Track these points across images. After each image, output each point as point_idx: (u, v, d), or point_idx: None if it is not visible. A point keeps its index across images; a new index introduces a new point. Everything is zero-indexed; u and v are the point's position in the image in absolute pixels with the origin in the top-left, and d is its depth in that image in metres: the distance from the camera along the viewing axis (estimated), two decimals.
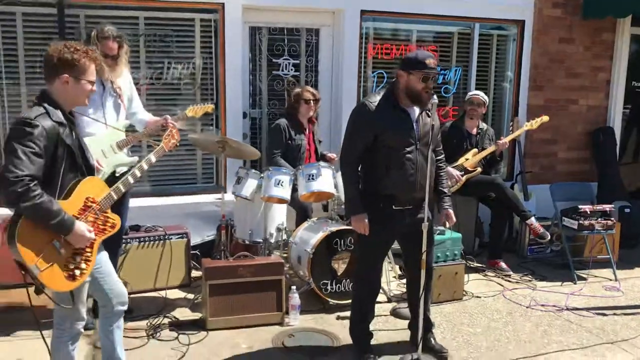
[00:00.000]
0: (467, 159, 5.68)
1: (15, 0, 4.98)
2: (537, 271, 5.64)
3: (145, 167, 3.15)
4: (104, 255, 3.01)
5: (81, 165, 2.79)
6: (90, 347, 3.85)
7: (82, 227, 2.70)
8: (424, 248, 3.50)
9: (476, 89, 6.43)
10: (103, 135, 3.89)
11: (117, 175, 3.91)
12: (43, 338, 2.94)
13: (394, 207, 3.59)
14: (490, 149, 5.72)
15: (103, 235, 2.87)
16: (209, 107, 4.55)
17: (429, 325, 3.93)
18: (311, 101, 5.28)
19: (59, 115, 2.70)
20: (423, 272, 3.58)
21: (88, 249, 2.79)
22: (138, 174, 3.08)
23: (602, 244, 5.69)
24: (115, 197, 2.88)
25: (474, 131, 5.87)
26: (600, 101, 6.91)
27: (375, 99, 3.56)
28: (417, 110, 3.54)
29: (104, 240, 2.91)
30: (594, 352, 4.01)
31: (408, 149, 3.48)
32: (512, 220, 6.17)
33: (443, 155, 3.99)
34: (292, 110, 5.36)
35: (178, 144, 3.42)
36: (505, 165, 6.77)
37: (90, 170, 2.86)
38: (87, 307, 3.07)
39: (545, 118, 5.81)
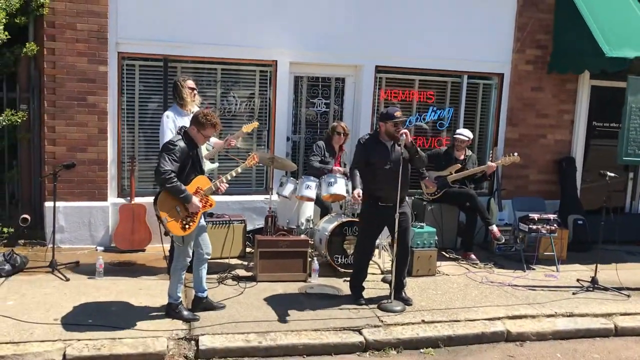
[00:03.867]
0: (450, 173, 7.67)
1: (135, 57, 7.33)
2: (499, 262, 7.55)
3: (234, 174, 5.39)
4: (204, 226, 5.24)
5: (198, 169, 5.03)
6: (183, 286, 6.03)
7: (195, 200, 4.96)
8: (395, 228, 5.60)
9: (464, 125, 8.44)
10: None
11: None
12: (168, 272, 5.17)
13: (380, 203, 5.70)
14: (475, 169, 7.69)
15: (204, 209, 5.11)
16: (256, 123, 6.80)
17: (401, 285, 5.96)
18: (342, 134, 7.39)
19: (186, 140, 4.95)
20: (395, 246, 5.68)
21: (195, 215, 5.00)
22: (229, 177, 5.34)
23: (555, 245, 7.54)
24: (214, 189, 5.11)
25: (462, 157, 7.88)
26: (565, 136, 8.82)
27: (366, 137, 5.81)
28: (390, 143, 5.65)
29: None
30: (512, 307, 5.97)
31: (386, 167, 5.60)
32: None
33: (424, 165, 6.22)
34: (328, 137, 7.50)
35: (257, 163, 5.65)
36: (487, 184, 8.71)
37: (203, 172, 5.11)
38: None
39: (518, 159, 7.52)
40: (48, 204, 6.89)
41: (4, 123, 6.71)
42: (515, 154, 7.57)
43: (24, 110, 7.03)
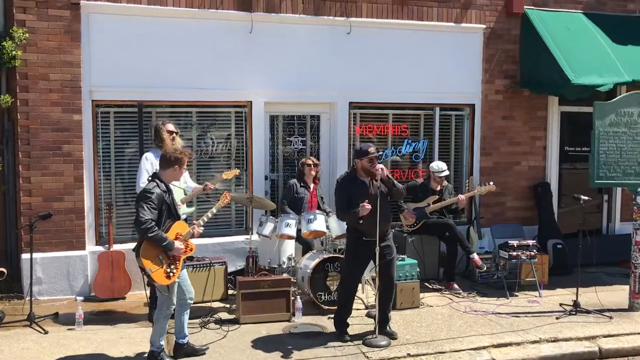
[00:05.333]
0: (428, 204, 7.74)
1: (110, 104, 7.35)
2: (482, 291, 7.57)
3: (210, 215, 5.36)
4: (185, 271, 5.20)
5: (174, 213, 5.02)
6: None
7: (178, 244, 4.91)
8: (376, 262, 5.62)
9: (439, 156, 8.58)
10: (175, 194, 6.11)
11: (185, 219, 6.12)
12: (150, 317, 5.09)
13: (363, 238, 5.74)
14: (451, 200, 7.78)
15: (185, 254, 5.06)
16: (237, 171, 6.86)
17: (386, 319, 5.94)
18: (312, 165, 7.49)
19: (163, 187, 4.95)
20: (377, 279, 5.69)
21: (177, 262, 4.97)
22: (205, 219, 5.32)
23: (535, 270, 7.59)
24: (192, 233, 5.08)
25: (438, 188, 7.96)
26: (538, 162, 8.99)
27: (343, 176, 5.96)
28: (368, 179, 5.72)
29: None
30: (497, 336, 5.98)
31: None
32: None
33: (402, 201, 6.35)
34: (300, 172, 7.57)
35: (229, 203, 5.63)
36: (465, 213, 8.79)
37: (179, 217, 5.09)
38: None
39: (493, 188, 7.67)
40: (25, 256, 6.79)
41: None
42: (491, 183, 7.68)
43: None
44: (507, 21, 8.67)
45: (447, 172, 7.89)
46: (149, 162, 6.10)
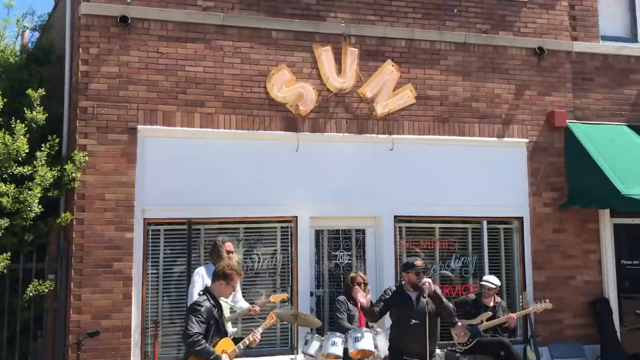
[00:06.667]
0: (481, 321, 7.43)
1: (160, 222, 7.57)
2: None
3: (258, 335, 5.29)
4: None
5: (222, 330, 4.98)
6: None
7: (225, 357, 4.85)
8: None
9: (490, 271, 8.35)
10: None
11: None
12: None
13: (404, 357, 5.59)
14: (503, 319, 7.48)
15: None
16: (285, 295, 6.97)
17: None
18: (362, 284, 7.37)
19: (213, 301, 4.95)
20: None
21: None
22: (252, 339, 5.27)
23: None
24: (238, 352, 5.00)
25: (491, 304, 7.69)
26: (594, 277, 8.62)
27: (393, 288, 5.93)
28: (415, 294, 5.60)
29: None
30: None
31: (410, 320, 5.50)
32: None
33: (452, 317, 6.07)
34: (347, 288, 7.45)
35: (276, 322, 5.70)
36: (521, 330, 8.36)
37: (226, 334, 5.05)
38: None
39: (549, 306, 7.49)
40: None
41: (30, 294, 6.81)
42: (547, 300, 7.45)
43: (52, 280, 7.14)
44: (550, 135, 8.73)
45: (494, 285, 7.61)
46: (200, 276, 6.38)
